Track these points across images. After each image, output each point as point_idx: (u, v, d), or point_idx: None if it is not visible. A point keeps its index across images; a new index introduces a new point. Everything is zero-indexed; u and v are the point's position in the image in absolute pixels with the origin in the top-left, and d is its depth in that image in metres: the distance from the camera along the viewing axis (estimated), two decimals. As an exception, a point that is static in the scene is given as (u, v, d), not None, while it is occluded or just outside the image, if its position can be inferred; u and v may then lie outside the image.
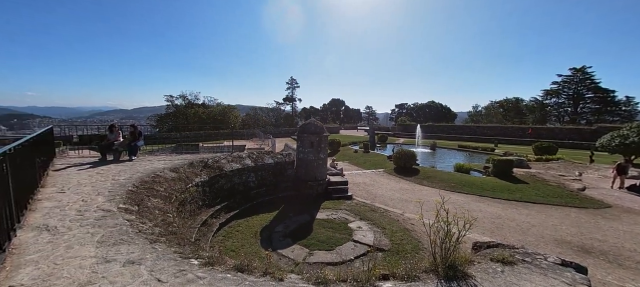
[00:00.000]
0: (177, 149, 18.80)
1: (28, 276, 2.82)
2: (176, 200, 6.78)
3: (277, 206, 10.85)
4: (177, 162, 9.22)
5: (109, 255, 3.24)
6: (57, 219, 4.19)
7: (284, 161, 12.85)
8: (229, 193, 10.25)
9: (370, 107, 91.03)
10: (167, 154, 12.53)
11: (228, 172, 10.36)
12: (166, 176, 7.60)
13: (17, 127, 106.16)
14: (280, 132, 41.15)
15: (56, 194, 5.43)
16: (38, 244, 3.46)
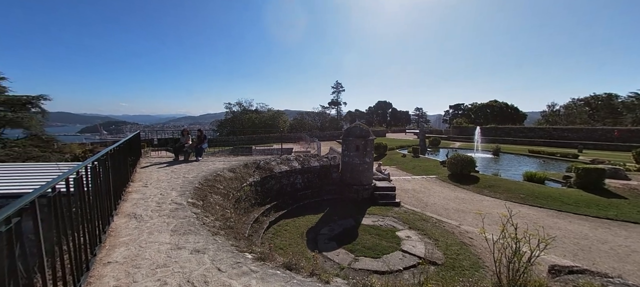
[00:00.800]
0: (233, 151, 20.71)
1: (121, 255, 3.43)
2: (233, 197, 7.45)
3: (322, 208, 10.99)
4: (234, 163, 10.13)
5: (180, 243, 3.74)
6: (142, 209, 5.02)
7: (329, 164, 12.99)
8: (278, 193, 10.81)
9: (420, 108, 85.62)
10: (225, 156, 13.88)
11: (277, 173, 10.95)
12: (225, 175, 8.43)
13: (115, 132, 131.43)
14: (325, 136, 41.79)
15: (141, 187, 6.51)
16: (128, 229, 4.19)
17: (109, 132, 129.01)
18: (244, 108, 47.96)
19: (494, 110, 61.41)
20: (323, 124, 56.14)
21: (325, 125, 55.74)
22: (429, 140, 34.98)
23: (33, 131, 21.58)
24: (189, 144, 10.38)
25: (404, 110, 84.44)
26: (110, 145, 4.93)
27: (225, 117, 48.39)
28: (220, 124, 48.47)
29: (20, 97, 21.91)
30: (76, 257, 2.54)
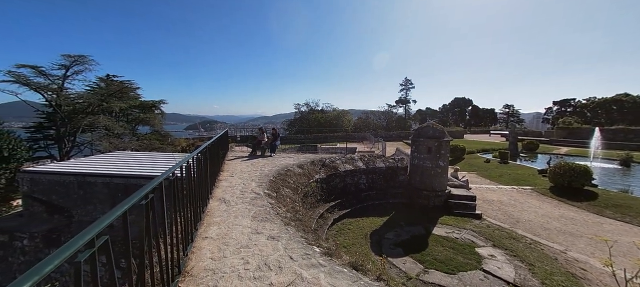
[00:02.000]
0: (301, 149, 22.09)
1: (215, 232, 4.09)
2: (301, 192, 7.93)
3: (387, 211, 10.56)
4: (302, 160, 10.76)
5: (258, 228, 4.21)
6: (229, 195, 5.86)
7: (395, 165, 12.36)
8: (342, 192, 10.93)
9: (510, 105, 72.08)
10: (294, 153, 14.89)
11: (342, 172, 11.08)
12: (294, 171, 9.04)
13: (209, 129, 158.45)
14: (391, 136, 39.95)
15: (228, 177, 7.62)
16: (219, 211, 4.96)
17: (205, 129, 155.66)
18: (310, 108, 50.38)
19: (624, 106, 46.61)
20: (389, 124, 53.81)
21: (391, 124, 53.31)
22: (523, 143, 29.21)
23: (156, 128, 27.98)
24: (264, 141, 11.57)
25: (487, 108, 72.77)
26: (207, 140, 5.92)
27: (294, 116, 51.88)
28: (290, 123, 52.29)
29: (148, 101, 28.70)
30: (185, 230, 3.16)
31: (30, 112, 22.15)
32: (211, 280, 2.86)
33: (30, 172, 12.35)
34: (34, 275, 0.85)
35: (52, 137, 21.76)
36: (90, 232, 1.15)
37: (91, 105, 21.79)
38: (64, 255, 0.98)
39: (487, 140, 36.67)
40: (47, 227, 11.44)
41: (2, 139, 16.34)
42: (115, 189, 11.50)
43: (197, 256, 3.32)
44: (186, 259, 3.10)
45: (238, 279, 2.88)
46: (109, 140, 21.09)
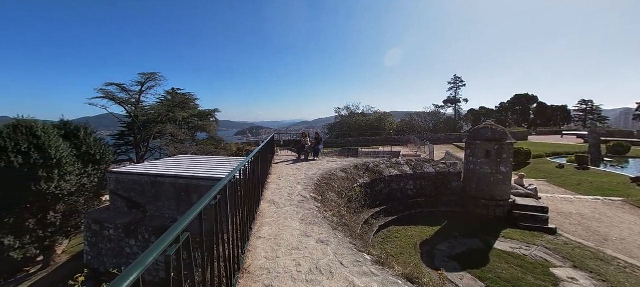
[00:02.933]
0: (341, 152, 22.00)
1: (267, 233, 4.27)
2: (345, 196, 7.86)
3: (439, 220, 9.79)
4: (345, 164, 10.69)
5: (307, 231, 4.27)
6: (278, 197, 6.11)
7: (447, 171, 11.43)
8: (387, 198, 10.51)
9: (588, 101, 61.01)
10: (336, 156, 14.92)
11: (387, 177, 10.67)
12: (338, 175, 9.02)
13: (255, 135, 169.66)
14: (439, 139, 37.21)
15: (276, 180, 7.96)
16: (270, 212, 5.18)
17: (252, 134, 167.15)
18: (351, 112, 50.04)
19: None
20: (436, 126, 50.30)
21: (438, 126, 49.75)
22: (607, 145, 24.41)
23: (211, 134, 30.93)
24: (308, 145, 11.83)
25: (559, 105, 62.75)
26: (254, 145, 6.28)
27: (334, 120, 52.13)
28: (330, 127, 52.71)
29: (205, 110, 31.91)
30: (242, 229, 3.36)
31: (115, 122, 26.59)
32: (267, 279, 2.98)
33: (115, 172, 14.71)
34: (139, 266, 0.97)
35: (131, 143, 25.76)
36: (176, 229, 1.29)
37: (160, 116, 25.20)
38: (159, 249, 1.11)
39: (558, 143, 31.60)
40: (128, 220, 13.44)
41: (95, 145, 19.85)
42: (179, 188, 13.00)
43: (253, 255, 3.50)
44: (244, 257, 3.30)
45: (292, 281, 2.95)
46: (174, 146, 24.04)
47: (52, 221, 17.03)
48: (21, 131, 15.74)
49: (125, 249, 13.30)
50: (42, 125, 16.77)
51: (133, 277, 0.88)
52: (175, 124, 26.40)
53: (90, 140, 19.41)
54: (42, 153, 15.87)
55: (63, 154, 16.79)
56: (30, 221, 16.02)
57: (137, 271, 0.92)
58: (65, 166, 16.87)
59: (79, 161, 18.26)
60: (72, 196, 17.93)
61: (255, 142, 39.50)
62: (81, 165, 18.36)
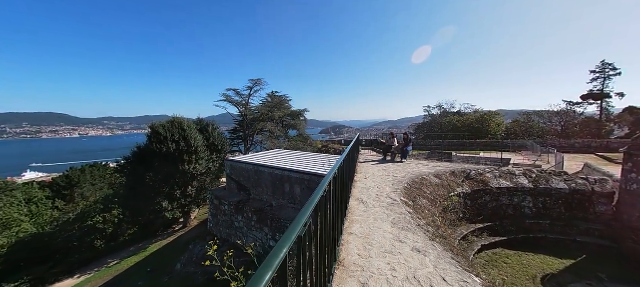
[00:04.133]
0: (431, 155, 19.87)
1: (358, 230, 4.30)
2: (440, 205, 7.05)
3: (571, 252, 7.52)
4: (439, 169, 9.60)
5: (400, 236, 4.05)
6: (366, 197, 6.07)
7: (589, 189, 8.59)
8: (494, 213, 8.80)
9: None
10: (426, 160, 13.61)
11: (494, 189, 8.93)
12: (431, 180, 8.19)
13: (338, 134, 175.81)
14: (572, 146, 28.41)
15: (362, 179, 7.94)
16: (359, 211, 5.20)
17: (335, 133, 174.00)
18: (444, 110, 44.58)
19: None
20: (567, 129, 38.63)
21: (571, 130, 38.05)
22: None
23: (300, 132, 33.90)
24: (395, 146, 11.27)
25: None
26: (336, 143, 6.40)
27: (423, 120, 47.77)
28: (417, 127, 48.61)
29: (296, 110, 35.19)
30: (336, 223, 3.49)
31: (231, 120, 32.85)
32: (361, 276, 2.98)
33: (230, 160, 18.11)
34: (283, 247, 1.11)
35: (241, 137, 31.29)
36: (304, 216, 1.43)
37: (262, 115, 29.52)
38: (296, 231, 1.26)
39: None
40: (237, 199, 16.34)
41: (218, 138, 25.06)
42: (275, 177, 14.87)
43: (346, 250, 3.59)
44: (339, 250, 3.42)
45: (387, 284, 2.85)
46: (272, 141, 27.71)
47: (190, 193, 22.65)
48: (175, 126, 21.51)
49: (234, 223, 16.28)
50: (187, 122, 22.49)
51: (283, 253, 1.02)
52: (273, 122, 30.35)
53: (215, 134, 24.72)
54: (187, 142, 21.24)
55: (199, 144, 22.01)
56: (177, 192, 21.82)
57: (286, 247, 1.06)
58: (200, 153, 22.09)
59: (208, 149, 23.57)
60: (203, 176, 23.30)
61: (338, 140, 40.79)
62: (209, 153, 23.65)
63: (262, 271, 0.87)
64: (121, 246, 22.24)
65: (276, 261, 0.94)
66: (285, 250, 1.03)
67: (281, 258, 0.97)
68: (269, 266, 0.89)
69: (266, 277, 0.84)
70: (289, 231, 1.20)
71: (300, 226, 1.28)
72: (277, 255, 0.98)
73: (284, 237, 1.13)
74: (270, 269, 0.88)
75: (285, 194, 14.37)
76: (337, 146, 31.15)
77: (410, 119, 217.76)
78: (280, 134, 30.13)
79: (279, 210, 14.06)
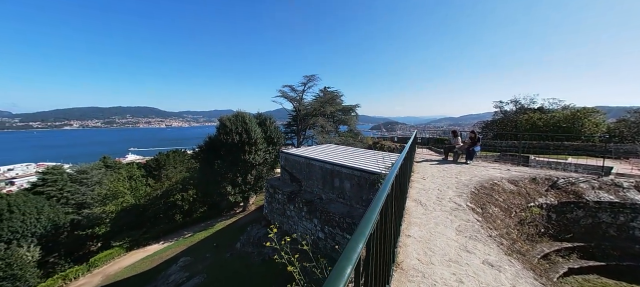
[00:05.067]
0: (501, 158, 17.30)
1: (417, 233, 4.03)
2: (516, 216, 6.09)
3: None
4: (514, 174, 8.30)
5: (467, 246, 3.64)
6: (425, 199, 5.64)
7: None
8: (588, 232, 7.21)
9: None
10: (496, 162, 11.93)
11: (591, 202, 7.29)
12: (504, 186, 7.14)
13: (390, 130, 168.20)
14: None
15: (420, 179, 7.42)
16: (417, 213, 4.87)
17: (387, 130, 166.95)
18: (520, 106, 38.26)
19: None
20: None
21: None
22: None
23: (351, 127, 33.62)
24: (459, 145, 10.17)
25: None
26: (388, 140, 6.03)
27: (493, 117, 41.99)
28: (485, 125, 43.00)
29: (347, 105, 34.97)
30: (395, 221, 3.32)
31: (285, 115, 34.65)
32: (423, 283, 2.78)
33: (284, 153, 19.13)
34: (358, 241, 1.08)
35: (294, 131, 32.77)
36: (373, 213, 1.37)
37: (315, 110, 30.28)
38: (369, 226, 1.22)
39: None
40: (290, 189, 17.21)
41: (274, 131, 26.71)
42: (325, 171, 15.12)
43: (404, 252, 3.39)
44: (396, 251, 3.26)
45: (453, 297, 2.59)
46: (322, 135, 28.24)
47: (249, 180, 24.84)
48: (238, 119, 23.73)
49: (287, 212, 17.24)
50: (248, 116, 24.60)
51: (359, 247, 0.99)
52: (324, 117, 30.87)
53: (272, 127, 26.45)
54: (248, 135, 23.26)
55: (258, 136, 23.89)
56: (239, 178, 24.18)
57: (361, 242, 1.03)
58: (259, 144, 23.97)
59: (265, 141, 25.39)
60: (260, 166, 25.26)
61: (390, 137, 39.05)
62: (266, 145, 25.47)
63: (343, 263, 0.85)
64: (194, 221, 25.92)
65: (354, 255, 0.92)
66: (361, 245, 1.00)
67: (358, 252, 0.95)
68: (348, 259, 0.87)
69: (347, 270, 0.82)
70: (361, 226, 1.17)
71: (371, 223, 1.23)
72: (354, 249, 0.95)
73: (358, 233, 1.10)
74: (350, 263, 0.86)
75: (334, 188, 14.51)
76: (390, 143, 29.87)
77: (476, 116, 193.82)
78: (331, 129, 30.44)
79: (328, 203, 14.29)
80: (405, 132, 64.07)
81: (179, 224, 25.32)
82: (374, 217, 1.29)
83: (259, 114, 27.17)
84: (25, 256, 20.37)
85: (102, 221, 25.87)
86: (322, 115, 30.72)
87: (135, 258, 20.50)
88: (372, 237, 1.24)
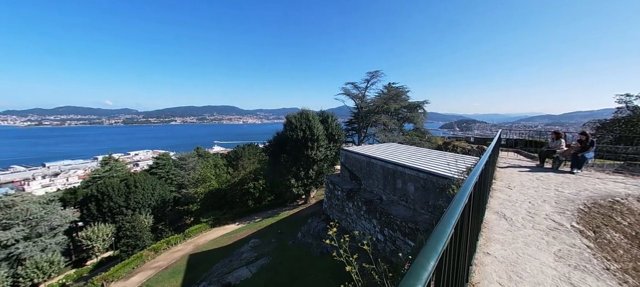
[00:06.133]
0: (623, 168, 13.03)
1: (498, 252, 3.42)
2: (652, 248, 4.52)
3: None
4: (651, 191, 6.18)
5: (572, 278, 2.89)
6: (510, 212, 4.75)
7: None
8: None
9: None
10: (622, 175, 9.09)
11: None
12: (631, 206, 5.39)
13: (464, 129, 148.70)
14: None
15: (504, 188, 6.29)
16: (499, 228, 4.14)
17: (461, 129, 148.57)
18: (663, 101, 28.27)
19: None
20: None
21: None
22: None
23: (417, 125, 31.23)
24: (561, 149, 8.18)
25: None
26: (463, 140, 5.18)
27: (614, 115, 32.41)
28: (601, 126, 33.56)
29: (414, 102, 32.55)
30: (471, 235, 2.89)
31: (347, 112, 34.65)
32: (505, 313, 2.34)
33: (345, 150, 19.17)
34: (430, 258, 0.95)
35: (355, 129, 32.51)
36: (448, 226, 1.20)
37: (377, 107, 29.31)
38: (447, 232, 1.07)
39: None
40: (349, 187, 17.17)
41: (336, 129, 27.06)
42: (387, 171, 14.47)
43: (481, 272, 2.93)
44: (471, 270, 2.84)
45: (549, 338, 2.08)
46: (384, 134, 27.13)
47: (311, 175, 25.93)
48: (303, 116, 24.97)
49: (345, 209, 17.29)
50: (311, 113, 25.62)
51: (431, 265, 0.86)
52: (387, 115, 29.57)
53: (333, 125, 26.90)
54: (311, 131, 24.26)
55: (319, 133, 24.68)
56: (301, 172, 25.51)
57: (433, 260, 0.91)
58: (320, 141, 24.74)
59: (327, 138, 26.02)
60: (321, 162, 26.06)
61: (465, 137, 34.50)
62: (327, 141, 26.08)
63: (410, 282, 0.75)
64: (263, 208, 28.73)
65: (424, 274, 0.80)
66: (432, 263, 0.87)
67: (429, 271, 0.82)
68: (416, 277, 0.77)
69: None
70: (433, 241, 1.02)
71: (445, 239, 1.07)
72: (424, 267, 0.84)
73: (430, 248, 0.97)
74: (419, 283, 0.75)
75: (396, 190, 13.76)
76: (464, 143, 26.43)
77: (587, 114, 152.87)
78: (395, 127, 28.89)
79: (388, 205, 13.66)
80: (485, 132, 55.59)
81: (250, 209, 28.52)
82: (448, 232, 1.12)
83: (322, 111, 27.96)
84: (144, 221, 26.43)
85: (194, 200, 31.33)
86: (385, 113, 29.47)
87: (217, 234, 24.08)
88: (444, 254, 1.08)
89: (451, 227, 1.19)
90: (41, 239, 23.96)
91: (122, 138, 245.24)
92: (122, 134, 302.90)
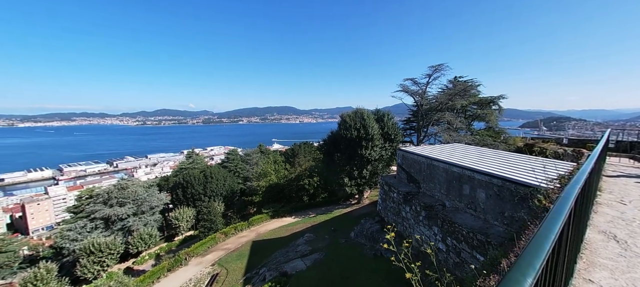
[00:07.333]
0: None
1: (604, 280, 2.75)
2: None
3: None
4: None
5: None
6: (624, 233, 3.76)
7: None
8: None
9: None
10: None
11: None
12: None
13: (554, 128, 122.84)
14: None
15: (613, 202, 5.01)
16: (607, 251, 3.32)
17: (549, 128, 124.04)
18: None
19: None
20: None
21: None
22: None
23: (490, 124, 27.40)
24: None
25: None
26: (551, 142, 4.21)
27: None
28: None
29: (486, 98, 28.63)
30: (569, 257, 2.39)
31: (405, 110, 32.73)
32: None
33: (402, 150, 18.18)
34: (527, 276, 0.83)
35: (414, 128, 30.48)
36: (545, 245, 1.02)
37: (440, 104, 26.83)
38: (545, 249, 0.93)
39: None
40: (406, 190, 16.23)
41: (392, 128, 25.91)
42: (451, 175, 13.13)
43: (582, 302, 2.41)
44: (567, 298, 2.36)
45: None
46: (449, 133, 24.65)
47: (364, 175, 25.50)
48: (357, 115, 24.72)
49: (402, 212, 16.39)
50: (366, 112, 25.14)
51: (537, 269, 0.75)
52: (453, 112, 26.77)
53: (389, 123, 25.83)
54: (365, 130, 23.84)
55: (374, 132, 24.03)
56: (355, 172, 25.31)
57: (537, 266, 0.79)
58: (375, 140, 24.09)
59: (382, 138, 25.17)
60: (376, 162, 25.36)
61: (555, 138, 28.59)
62: (383, 141, 25.21)
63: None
64: (317, 205, 29.66)
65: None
66: (530, 281, 0.75)
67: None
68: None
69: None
70: (528, 255, 0.88)
71: (544, 255, 0.91)
72: (520, 285, 0.73)
73: (525, 262, 0.84)
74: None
75: (462, 196, 12.36)
76: (553, 145, 21.94)
77: None
78: (461, 126, 25.92)
79: (453, 212, 12.38)
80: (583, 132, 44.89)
81: (305, 205, 29.76)
82: (546, 248, 0.95)
83: (377, 110, 27.09)
84: (217, 207, 30.38)
85: (257, 192, 34.46)
86: (449, 110, 26.75)
87: (276, 225, 25.95)
88: (542, 273, 0.92)
89: (550, 243, 1.01)
90: (144, 216, 30.08)
91: (201, 135, 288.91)
92: (201, 132, 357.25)
